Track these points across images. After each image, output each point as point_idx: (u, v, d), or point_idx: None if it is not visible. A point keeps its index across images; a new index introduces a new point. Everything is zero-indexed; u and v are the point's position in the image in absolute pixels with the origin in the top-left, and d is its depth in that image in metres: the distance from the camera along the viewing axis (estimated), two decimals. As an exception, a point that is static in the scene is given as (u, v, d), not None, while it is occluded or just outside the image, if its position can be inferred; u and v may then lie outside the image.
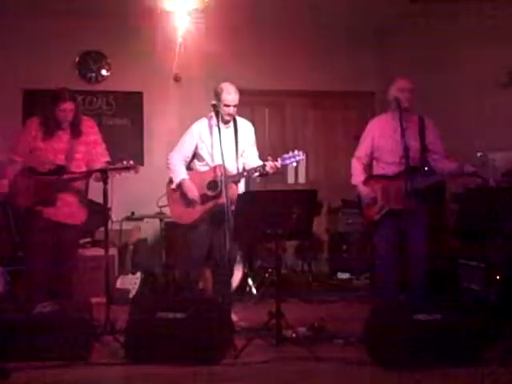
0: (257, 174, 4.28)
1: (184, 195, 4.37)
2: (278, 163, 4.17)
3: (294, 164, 4.24)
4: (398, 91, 4.42)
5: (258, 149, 4.56)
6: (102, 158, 4.38)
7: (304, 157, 4.22)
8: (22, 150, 4.30)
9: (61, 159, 4.26)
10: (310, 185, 6.64)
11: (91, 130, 4.44)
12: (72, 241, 4.43)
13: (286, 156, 4.19)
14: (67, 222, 4.30)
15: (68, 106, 4.23)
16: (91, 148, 4.39)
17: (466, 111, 5.38)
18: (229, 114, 4.33)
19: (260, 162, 4.32)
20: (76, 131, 4.32)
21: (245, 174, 4.31)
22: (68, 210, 4.29)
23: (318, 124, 6.97)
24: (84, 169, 4.29)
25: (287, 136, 6.90)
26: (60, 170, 4.25)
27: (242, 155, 4.42)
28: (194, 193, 4.33)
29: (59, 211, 4.26)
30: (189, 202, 4.36)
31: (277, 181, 6.49)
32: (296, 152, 4.19)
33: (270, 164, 4.16)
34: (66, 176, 4.22)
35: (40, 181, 4.22)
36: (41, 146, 4.27)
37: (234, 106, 4.34)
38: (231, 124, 4.34)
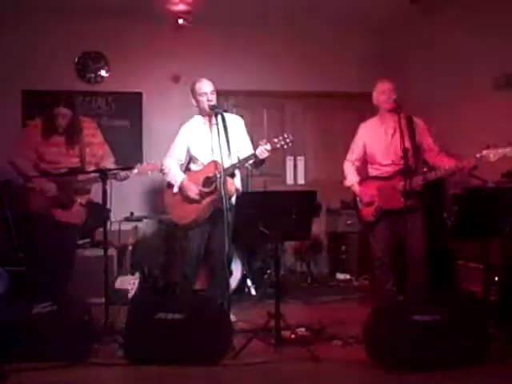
0: (251, 162, 4.25)
1: (183, 196, 4.37)
2: (268, 146, 4.11)
3: (285, 147, 4.18)
4: (380, 94, 4.43)
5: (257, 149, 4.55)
6: (109, 158, 4.46)
7: (293, 139, 4.16)
8: (27, 152, 4.28)
9: (74, 162, 4.31)
10: (309, 185, 6.63)
11: (94, 131, 4.48)
12: (74, 240, 4.57)
13: (275, 140, 4.16)
14: (72, 221, 4.36)
15: (62, 111, 4.22)
16: (96, 150, 4.43)
17: (463, 112, 5.38)
18: (210, 105, 4.25)
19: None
20: (70, 139, 4.30)
21: (237, 164, 4.26)
22: (76, 210, 4.36)
23: (317, 125, 6.96)
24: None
25: (286, 137, 6.89)
26: (73, 171, 4.29)
27: (236, 150, 4.34)
28: (194, 191, 4.32)
29: (70, 213, 4.32)
30: (188, 202, 4.35)
31: (276, 182, 6.52)
32: (285, 135, 4.16)
33: (260, 149, 4.11)
34: (80, 177, 4.28)
35: (58, 183, 4.25)
36: (50, 149, 4.28)
37: (211, 93, 4.30)
38: (220, 120, 4.12)
